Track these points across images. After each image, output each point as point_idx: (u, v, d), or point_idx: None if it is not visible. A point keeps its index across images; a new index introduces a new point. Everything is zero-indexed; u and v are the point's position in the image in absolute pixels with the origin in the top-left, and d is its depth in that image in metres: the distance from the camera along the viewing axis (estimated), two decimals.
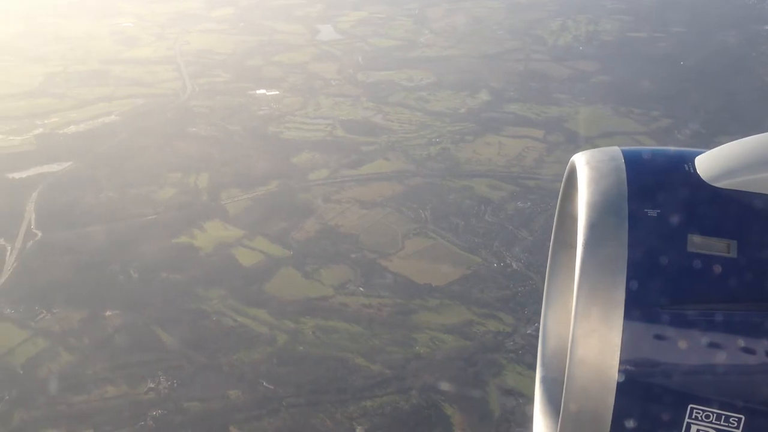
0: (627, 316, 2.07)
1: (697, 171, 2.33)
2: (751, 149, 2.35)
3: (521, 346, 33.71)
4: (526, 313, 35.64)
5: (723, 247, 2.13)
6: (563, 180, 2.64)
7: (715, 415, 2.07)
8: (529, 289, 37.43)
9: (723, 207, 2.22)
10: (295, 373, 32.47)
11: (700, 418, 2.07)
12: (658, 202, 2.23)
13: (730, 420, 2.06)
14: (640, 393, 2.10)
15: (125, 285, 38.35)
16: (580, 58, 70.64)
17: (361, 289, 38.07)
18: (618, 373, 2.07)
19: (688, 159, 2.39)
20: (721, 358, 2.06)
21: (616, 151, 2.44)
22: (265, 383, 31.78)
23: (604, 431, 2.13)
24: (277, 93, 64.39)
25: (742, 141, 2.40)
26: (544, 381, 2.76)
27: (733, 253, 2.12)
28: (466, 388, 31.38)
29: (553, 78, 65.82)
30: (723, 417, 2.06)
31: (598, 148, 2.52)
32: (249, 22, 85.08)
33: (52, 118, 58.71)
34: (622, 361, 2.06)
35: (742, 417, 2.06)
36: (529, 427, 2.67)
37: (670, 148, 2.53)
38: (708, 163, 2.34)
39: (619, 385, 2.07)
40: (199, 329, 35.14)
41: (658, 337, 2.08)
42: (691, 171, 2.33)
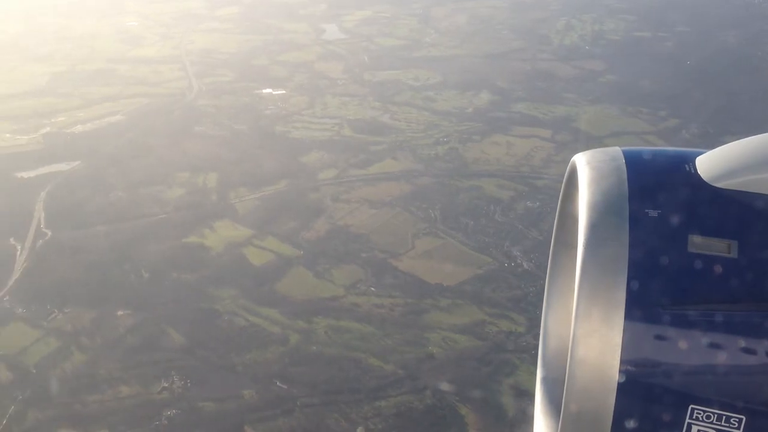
0: (628, 316, 2.08)
1: (698, 171, 2.33)
2: (752, 149, 2.35)
3: (534, 347, 33.56)
4: (538, 313, 34.98)
5: (724, 248, 2.14)
6: (564, 180, 2.65)
7: (715, 415, 2.07)
8: (540, 289, 37.15)
9: (724, 207, 2.23)
10: (308, 372, 32.47)
11: (700, 419, 2.08)
12: (658, 202, 2.23)
13: (731, 420, 2.06)
14: (641, 393, 2.10)
15: (136, 284, 38.33)
16: (586, 57, 70.67)
17: (372, 288, 38.06)
18: (619, 373, 2.07)
19: (689, 159, 2.39)
20: (721, 358, 2.06)
21: (616, 151, 2.44)
22: (278, 383, 31.78)
23: (604, 431, 2.13)
24: (284, 92, 64.35)
25: (743, 141, 2.40)
26: (545, 381, 2.76)
27: (733, 254, 2.13)
28: (479, 389, 31.40)
29: (559, 78, 65.82)
30: (724, 417, 2.07)
31: (599, 148, 2.52)
32: (253, 21, 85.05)
33: (58, 118, 58.66)
34: (622, 362, 2.07)
35: (743, 417, 2.06)
36: (530, 427, 2.68)
37: (671, 149, 2.53)
38: (709, 164, 2.34)
39: (620, 385, 2.07)
40: (211, 329, 35.12)
41: (658, 337, 2.08)
42: (692, 171, 2.33)
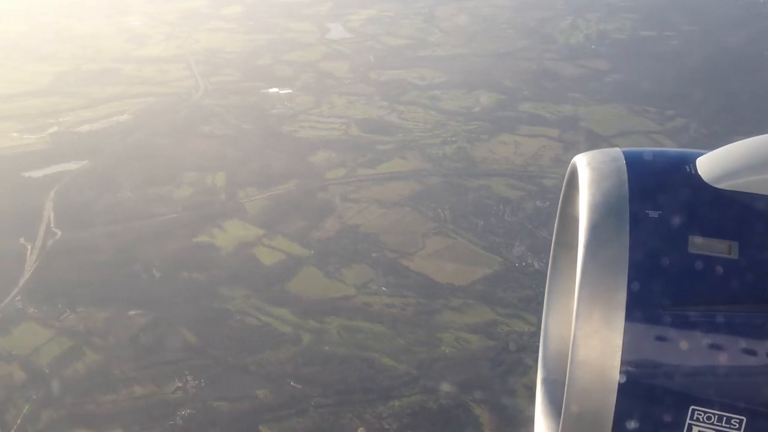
0: (628, 317, 2.08)
1: (699, 172, 2.33)
2: (753, 150, 2.35)
3: None
4: None
5: (724, 249, 2.13)
6: (564, 181, 2.64)
7: (716, 416, 2.07)
8: None
9: (724, 208, 2.22)
10: (321, 372, 32.49)
11: (701, 420, 2.08)
12: (659, 203, 2.23)
13: (732, 421, 2.06)
14: (642, 394, 2.10)
15: (147, 284, 38.32)
16: (592, 56, 70.65)
17: (383, 288, 38.07)
18: (619, 374, 2.07)
19: (690, 160, 2.39)
20: (722, 359, 2.06)
21: (617, 152, 2.44)
22: (292, 383, 31.79)
23: None
24: (290, 92, 64.34)
25: (744, 142, 2.39)
26: (546, 382, 2.77)
27: (734, 255, 2.12)
28: (493, 388, 31.42)
29: (565, 77, 65.83)
30: (724, 418, 2.07)
31: (599, 149, 2.53)
32: (257, 21, 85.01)
33: (65, 117, 58.63)
34: (623, 363, 2.07)
35: (744, 418, 2.06)
36: (530, 428, 2.69)
37: (672, 149, 2.53)
38: (709, 164, 2.34)
39: (621, 386, 2.07)
40: (223, 328, 35.12)
41: (659, 338, 2.08)
42: (693, 172, 2.33)
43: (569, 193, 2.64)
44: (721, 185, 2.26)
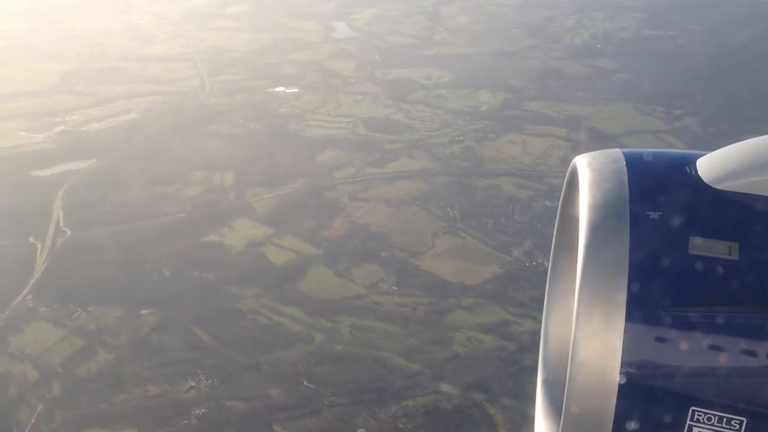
0: (628, 318, 2.07)
1: (699, 173, 2.32)
2: (754, 151, 2.33)
3: None
4: None
5: (725, 250, 2.12)
6: (564, 182, 2.64)
7: (716, 417, 2.07)
8: None
9: (725, 209, 2.21)
10: (334, 372, 32.48)
11: (701, 421, 2.08)
12: (659, 204, 2.22)
13: (732, 422, 2.06)
14: (642, 395, 2.10)
15: (158, 283, 38.32)
16: (597, 55, 70.63)
17: (394, 288, 38.06)
18: (619, 375, 2.06)
19: (690, 161, 2.37)
20: (722, 360, 2.06)
21: (617, 153, 2.43)
22: (305, 382, 31.78)
23: None
24: (296, 91, 64.34)
25: (744, 143, 2.38)
26: (546, 383, 2.75)
27: (734, 256, 2.12)
28: (507, 388, 31.38)
29: (572, 76, 65.77)
30: (725, 419, 2.06)
31: (600, 150, 2.52)
32: (262, 19, 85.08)
33: (72, 116, 58.65)
34: (623, 364, 2.06)
35: (744, 419, 2.06)
36: (531, 429, 2.68)
37: (672, 150, 2.52)
38: (710, 165, 2.33)
39: (621, 387, 2.07)
40: (235, 328, 35.12)
41: (659, 339, 2.07)
42: (693, 173, 2.31)
43: (569, 194, 2.63)
44: (721, 186, 2.25)
